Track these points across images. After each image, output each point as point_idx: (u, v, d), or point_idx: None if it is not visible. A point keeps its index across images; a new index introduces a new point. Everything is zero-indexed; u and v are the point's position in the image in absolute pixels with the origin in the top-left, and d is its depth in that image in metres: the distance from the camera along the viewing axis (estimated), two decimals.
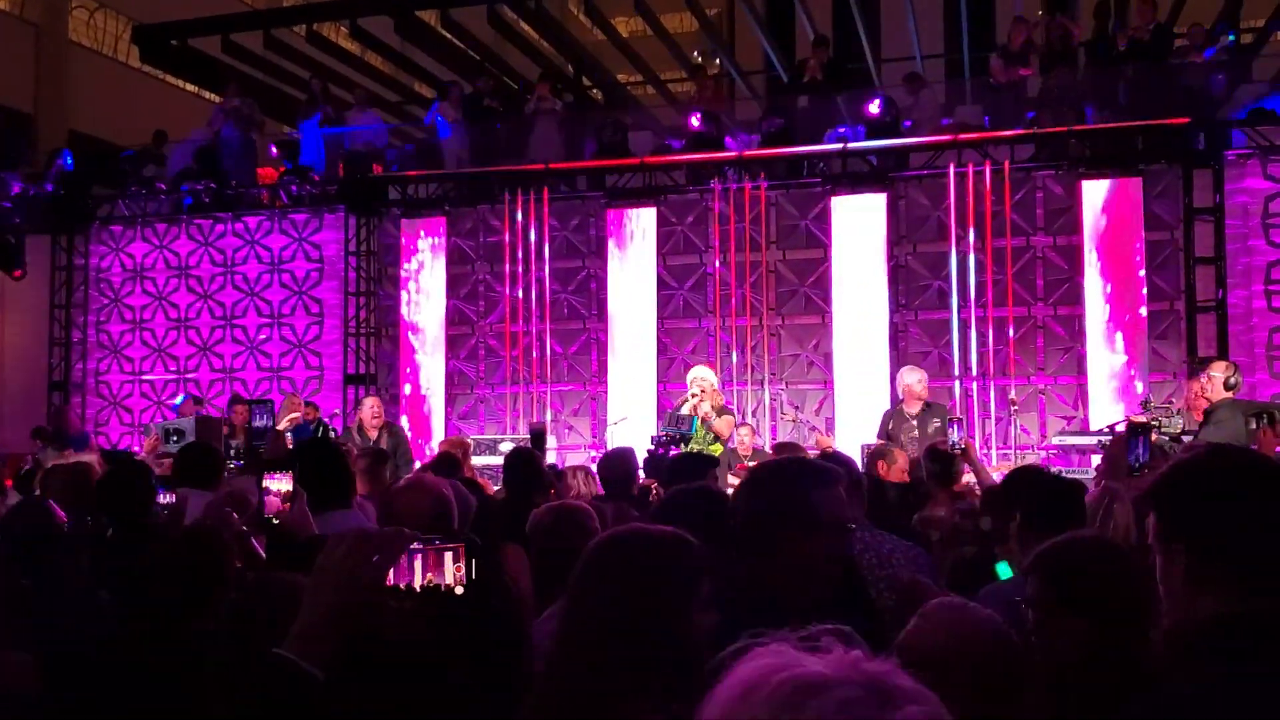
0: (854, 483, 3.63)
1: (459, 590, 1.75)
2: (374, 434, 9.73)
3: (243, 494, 4.03)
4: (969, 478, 6.47)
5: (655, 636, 1.98)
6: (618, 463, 5.78)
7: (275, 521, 3.60)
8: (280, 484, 3.63)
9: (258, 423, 7.88)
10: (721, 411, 8.70)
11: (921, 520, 5.53)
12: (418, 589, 1.74)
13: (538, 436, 8.29)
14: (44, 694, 3.20)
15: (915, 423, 8.71)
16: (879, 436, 8.77)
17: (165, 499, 5.16)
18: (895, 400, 9.58)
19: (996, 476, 5.84)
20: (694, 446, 8.05)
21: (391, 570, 1.72)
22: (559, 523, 3.52)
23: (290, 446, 7.87)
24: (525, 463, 5.33)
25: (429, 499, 3.49)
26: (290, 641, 1.67)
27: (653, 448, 7.95)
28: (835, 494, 2.62)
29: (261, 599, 2.80)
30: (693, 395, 8.52)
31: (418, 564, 1.74)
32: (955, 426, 7.77)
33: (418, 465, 9.36)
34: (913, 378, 8.97)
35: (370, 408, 10.12)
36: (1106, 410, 10.59)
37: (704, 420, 8.39)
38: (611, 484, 5.56)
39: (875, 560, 3.46)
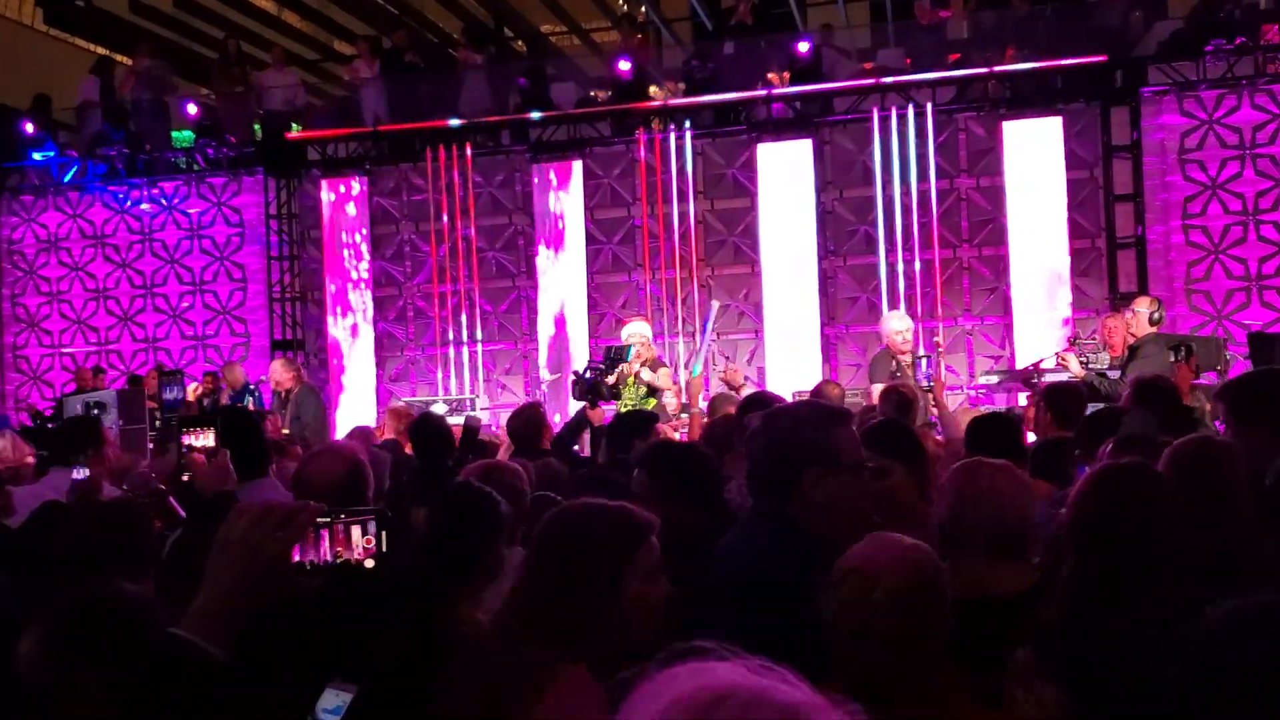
0: None
1: (369, 564, 1.68)
2: (285, 395, 9.80)
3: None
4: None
5: (588, 606, 2.07)
6: (525, 419, 5.75)
7: (185, 479, 3.53)
8: (203, 440, 3.55)
9: (168, 395, 7.74)
10: (656, 365, 8.62)
11: None
12: (323, 564, 1.68)
13: (471, 433, 8.14)
14: None
15: (915, 369, 7.72)
16: (873, 380, 7.98)
17: (78, 475, 5.09)
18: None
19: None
20: (628, 403, 7.98)
21: (296, 545, 1.66)
22: (487, 483, 3.46)
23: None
24: (431, 429, 5.34)
25: (341, 466, 3.41)
26: (189, 620, 1.58)
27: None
28: (850, 433, 2.64)
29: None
30: (634, 358, 8.36)
31: (324, 538, 1.68)
32: (924, 363, 7.60)
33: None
34: (896, 325, 8.11)
35: (272, 371, 10.13)
36: (1032, 349, 10.72)
37: (637, 376, 8.29)
38: (521, 441, 5.53)
39: None
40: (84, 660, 2.05)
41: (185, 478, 3.49)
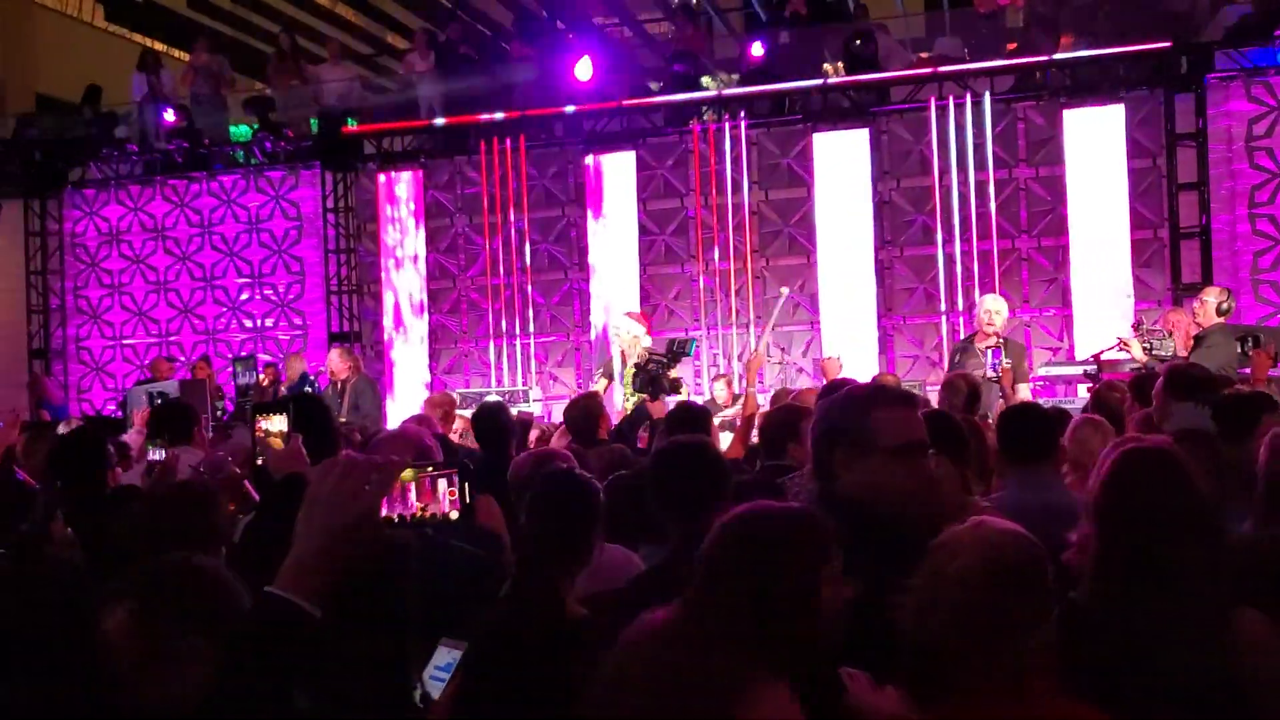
0: None
1: (454, 516, 1.73)
2: (340, 385, 10.18)
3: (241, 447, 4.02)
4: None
5: (784, 615, 1.99)
6: (582, 410, 5.79)
7: (259, 462, 3.57)
8: (277, 425, 3.58)
9: (242, 380, 7.89)
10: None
11: None
12: (410, 518, 1.70)
13: (523, 426, 8.17)
14: None
15: (984, 358, 7.59)
16: (947, 369, 7.92)
17: (155, 455, 5.30)
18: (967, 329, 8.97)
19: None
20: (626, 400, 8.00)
21: (385, 500, 1.67)
22: (538, 470, 3.49)
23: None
24: (494, 417, 5.41)
25: (407, 451, 3.46)
26: (283, 578, 1.59)
27: (640, 362, 7.80)
28: (901, 415, 2.52)
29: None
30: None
31: (411, 492, 1.71)
32: (994, 352, 7.41)
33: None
34: (990, 305, 7.90)
35: (329, 361, 10.67)
36: (1092, 340, 10.56)
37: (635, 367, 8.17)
38: (578, 430, 5.58)
39: None
40: (183, 625, 2.05)
41: (259, 461, 3.53)
